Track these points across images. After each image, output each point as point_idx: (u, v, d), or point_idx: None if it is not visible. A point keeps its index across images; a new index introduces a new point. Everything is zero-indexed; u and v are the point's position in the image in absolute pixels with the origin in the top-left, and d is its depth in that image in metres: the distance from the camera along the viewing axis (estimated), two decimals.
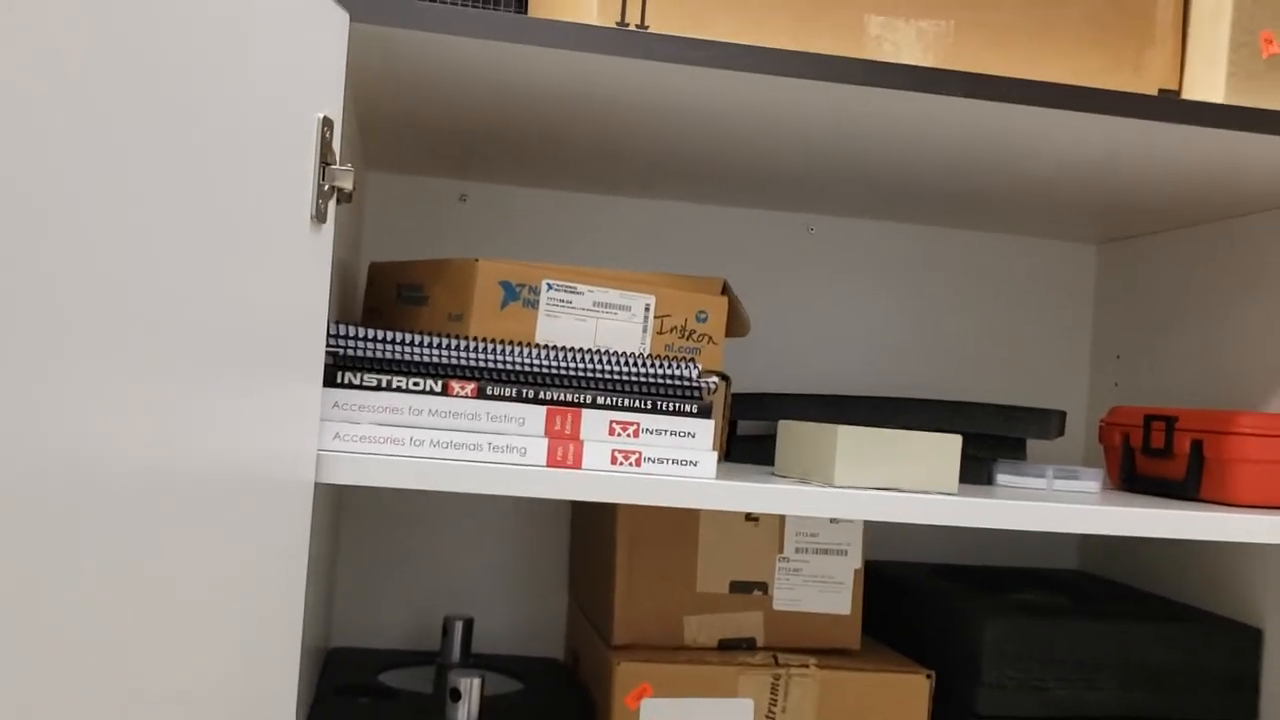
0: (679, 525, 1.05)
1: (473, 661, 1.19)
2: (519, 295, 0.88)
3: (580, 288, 0.89)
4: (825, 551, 1.08)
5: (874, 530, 1.36)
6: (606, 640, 1.04)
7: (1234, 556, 1.17)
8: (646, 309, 0.91)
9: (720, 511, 1.06)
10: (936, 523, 0.81)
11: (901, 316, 1.38)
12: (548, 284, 0.88)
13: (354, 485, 0.74)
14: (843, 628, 1.08)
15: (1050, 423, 1.02)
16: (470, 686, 0.90)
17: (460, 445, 0.78)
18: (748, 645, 1.06)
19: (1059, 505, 0.85)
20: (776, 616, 1.07)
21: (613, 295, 0.90)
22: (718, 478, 0.82)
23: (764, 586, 1.07)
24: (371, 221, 1.28)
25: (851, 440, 0.83)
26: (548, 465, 0.79)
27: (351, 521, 1.27)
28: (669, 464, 0.81)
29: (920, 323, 1.38)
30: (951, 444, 0.85)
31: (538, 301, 0.88)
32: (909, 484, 0.84)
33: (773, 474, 0.94)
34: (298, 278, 0.66)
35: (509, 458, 0.79)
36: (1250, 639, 1.11)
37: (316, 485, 0.77)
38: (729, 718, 1.00)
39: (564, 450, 0.80)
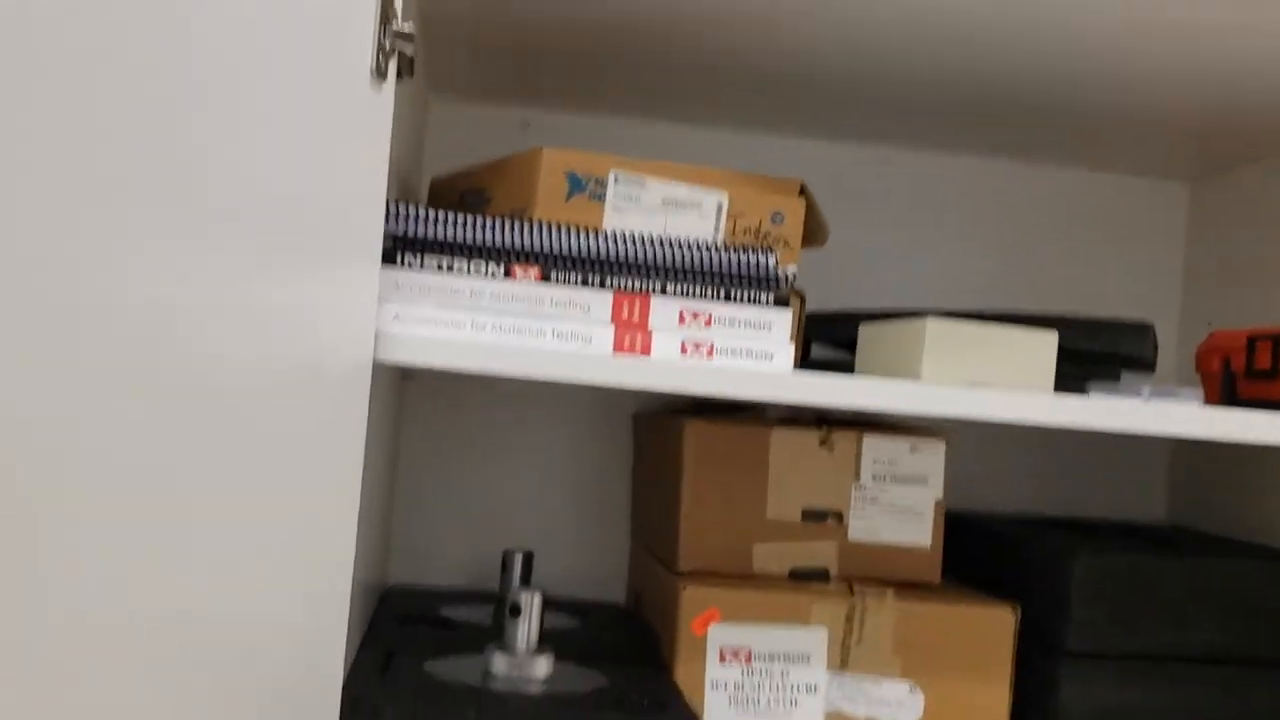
0: (749, 448, 1.01)
1: None
2: (585, 187, 0.84)
3: (649, 181, 0.85)
4: (904, 480, 1.02)
5: (950, 478, 1.30)
6: (672, 568, 1.00)
7: None
8: (719, 207, 0.87)
9: (793, 435, 1.01)
10: (1029, 421, 0.76)
11: (984, 256, 1.32)
12: (615, 176, 0.84)
13: (414, 365, 0.70)
14: (922, 561, 1.02)
15: (1146, 340, 0.95)
16: (531, 601, 0.86)
17: (523, 331, 0.74)
18: (820, 576, 1.01)
19: (1160, 405, 0.79)
20: (851, 548, 1.01)
21: (682, 191, 0.86)
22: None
23: (838, 515, 1.01)
24: (432, 150, 1.25)
25: (941, 332, 0.78)
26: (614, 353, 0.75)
27: (408, 451, 1.24)
28: (742, 355, 0.76)
29: (1004, 264, 1.32)
30: (1047, 341, 0.80)
31: (604, 195, 0.84)
32: (1001, 380, 0.78)
33: None
34: (357, 142, 0.62)
35: (573, 346, 0.75)
36: None
37: (375, 366, 0.73)
38: (802, 646, 0.95)
39: (631, 339, 0.76)
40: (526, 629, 0.86)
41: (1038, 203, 1.33)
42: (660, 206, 0.86)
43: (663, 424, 1.10)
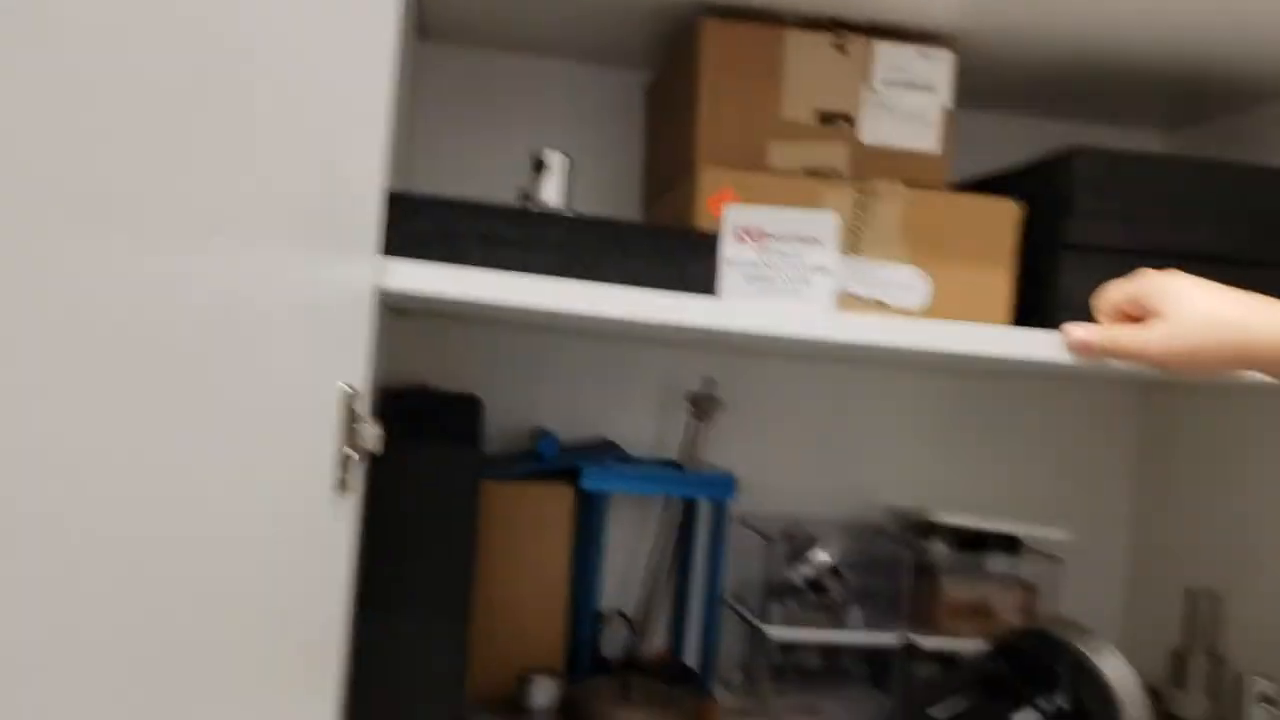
0: (764, 49, 1.03)
1: None
2: None
3: None
4: (913, 86, 1.05)
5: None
6: (690, 162, 1.04)
7: None
8: None
9: (807, 37, 1.04)
10: None
11: None
12: None
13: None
14: (930, 166, 1.06)
15: None
16: (557, 160, 0.90)
17: None
18: (833, 176, 1.04)
19: None
20: (862, 150, 1.05)
21: None
22: None
23: (850, 119, 1.05)
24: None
25: None
26: None
27: (430, 58, 1.27)
28: None
29: None
30: None
31: None
32: None
33: None
34: None
35: None
36: None
37: None
38: (813, 229, 0.99)
39: None
40: (553, 186, 0.90)
41: None
42: None
43: (679, 57, 1.12)
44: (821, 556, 1.23)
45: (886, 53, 1.05)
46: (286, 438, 0.54)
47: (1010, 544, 1.29)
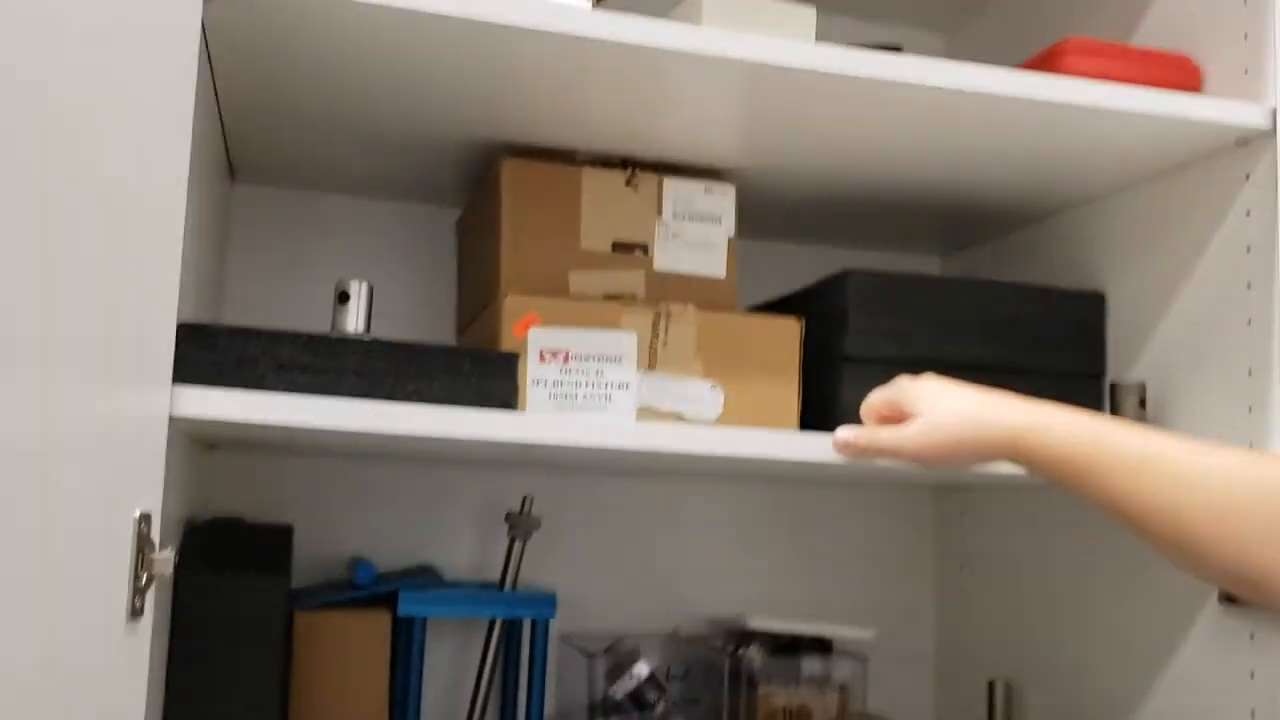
0: (562, 185, 1.10)
1: None
2: None
3: None
4: (701, 218, 1.14)
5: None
6: (496, 290, 1.09)
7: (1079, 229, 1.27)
8: None
9: (601, 175, 1.11)
10: None
11: None
12: None
13: None
14: (719, 290, 1.14)
15: None
16: (360, 289, 0.94)
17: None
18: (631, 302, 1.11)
19: None
20: (657, 277, 1.12)
21: None
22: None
23: (644, 247, 1.12)
24: None
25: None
26: None
27: (241, 199, 1.29)
28: None
29: None
30: None
31: None
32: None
33: None
34: None
35: None
36: (1095, 301, 1.20)
37: None
38: (614, 348, 1.05)
39: None
40: (356, 314, 0.94)
41: None
42: None
43: (483, 192, 1.18)
44: (641, 669, 1.25)
45: (675, 187, 1.13)
46: (75, 565, 0.55)
47: (823, 646, 1.35)
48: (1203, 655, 1.07)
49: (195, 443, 1.10)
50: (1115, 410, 1.11)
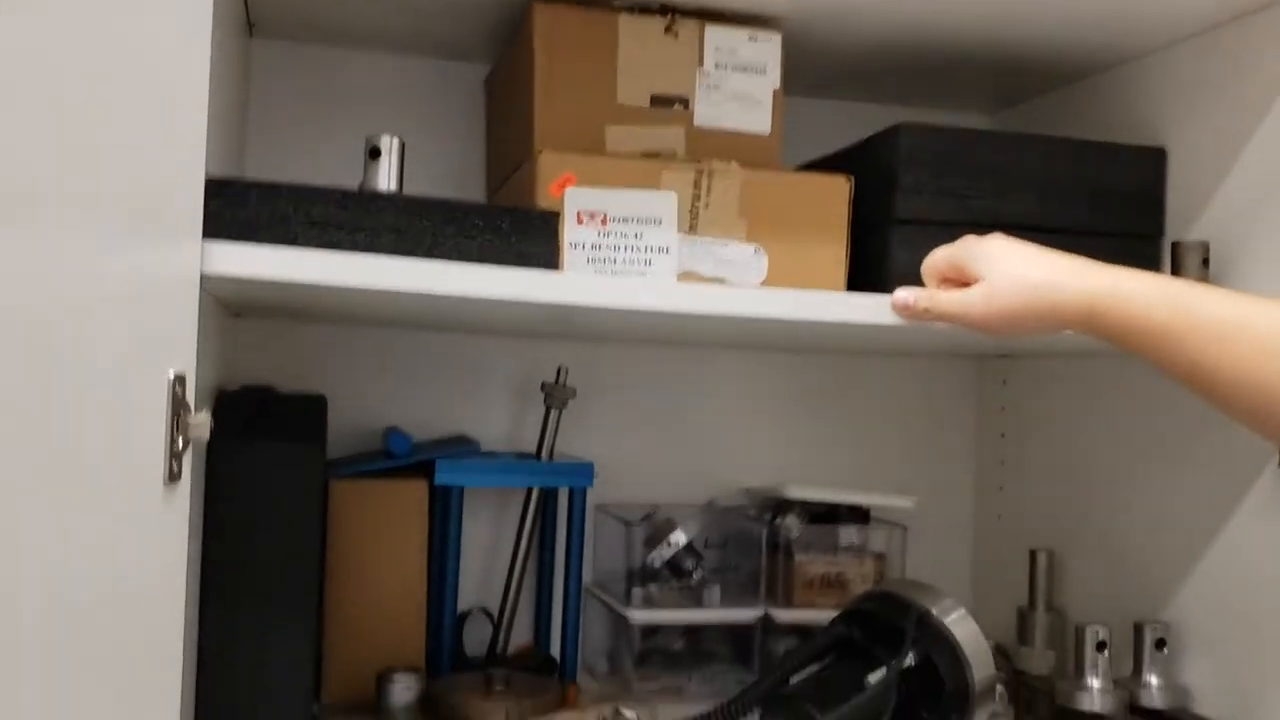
0: (597, 33, 1.04)
1: None
2: None
3: None
4: (744, 69, 1.08)
5: None
6: (530, 148, 1.04)
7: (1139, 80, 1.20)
8: None
9: (639, 22, 1.05)
10: None
11: None
12: None
13: None
14: (764, 147, 1.08)
15: None
16: (391, 145, 0.89)
17: None
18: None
19: None
20: (698, 133, 1.07)
21: None
22: None
23: (685, 101, 1.06)
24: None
25: None
26: None
27: (262, 55, 1.24)
28: None
29: None
30: None
31: None
32: None
33: None
34: None
35: None
36: (1155, 158, 1.15)
37: None
38: (653, 209, 1.00)
39: None
40: (387, 170, 0.89)
41: None
42: None
43: (514, 46, 1.12)
44: (679, 537, 1.24)
45: (717, 35, 1.07)
46: (110, 429, 0.52)
47: (860, 515, 1.33)
48: (1259, 521, 1.05)
49: (222, 309, 1.07)
50: (1177, 270, 1.06)
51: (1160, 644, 1.12)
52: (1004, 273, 0.84)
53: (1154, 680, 1.11)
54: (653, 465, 1.39)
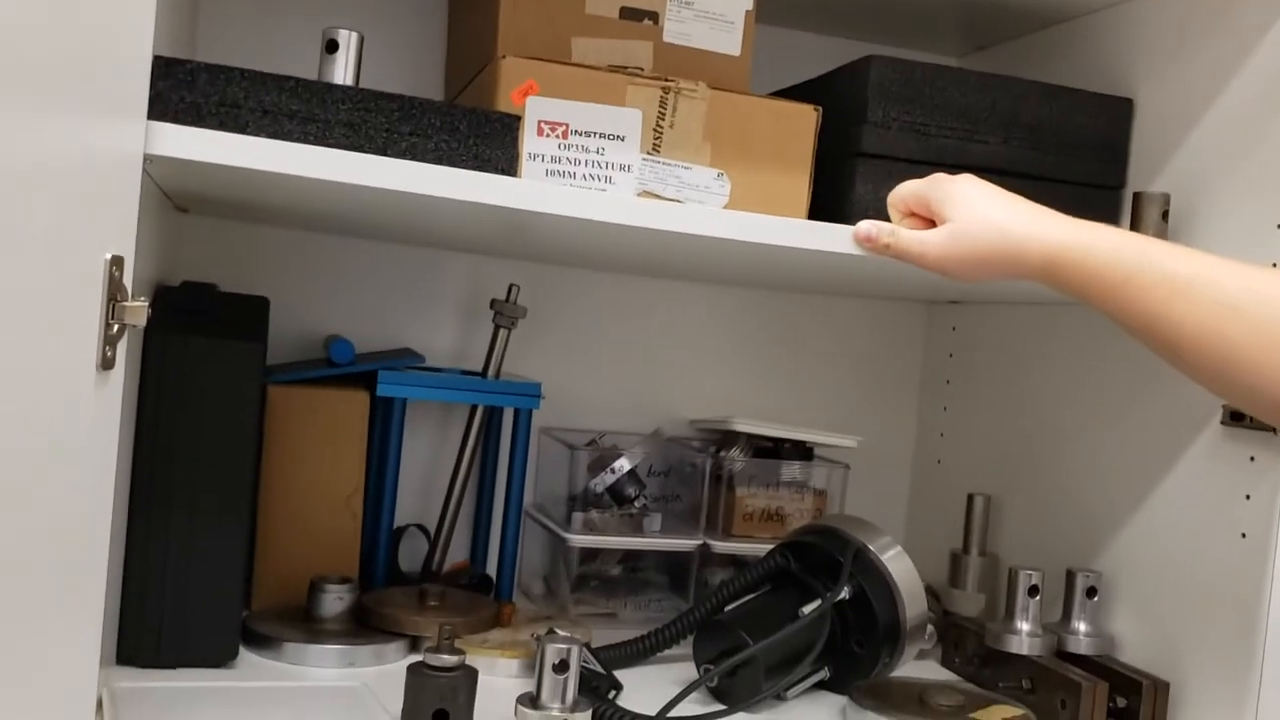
0: None
1: None
2: None
3: None
4: None
5: None
6: (492, 53, 1.01)
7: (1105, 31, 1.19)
8: None
9: None
10: None
11: None
12: None
13: None
14: (732, 70, 1.06)
15: None
16: (349, 39, 0.85)
17: None
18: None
19: None
20: (666, 49, 1.04)
21: None
22: None
23: (654, 16, 1.04)
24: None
25: None
26: None
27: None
28: None
29: None
30: None
31: None
32: None
33: None
34: None
35: None
36: (1123, 108, 1.14)
37: None
38: (616, 125, 0.98)
39: None
40: (344, 65, 0.86)
41: None
42: None
43: None
44: (622, 464, 1.23)
45: None
46: (42, 309, 0.50)
47: (804, 452, 1.33)
48: (1198, 477, 1.06)
49: (168, 202, 1.03)
50: (1136, 221, 1.06)
51: (1091, 592, 1.13)
52: (972, 217, 0.83)
53: (1082, 627, 1.13)
54: (600, 392, 1.38)
